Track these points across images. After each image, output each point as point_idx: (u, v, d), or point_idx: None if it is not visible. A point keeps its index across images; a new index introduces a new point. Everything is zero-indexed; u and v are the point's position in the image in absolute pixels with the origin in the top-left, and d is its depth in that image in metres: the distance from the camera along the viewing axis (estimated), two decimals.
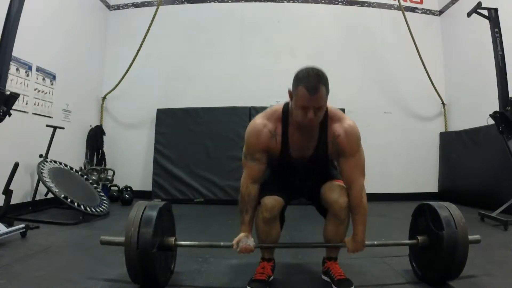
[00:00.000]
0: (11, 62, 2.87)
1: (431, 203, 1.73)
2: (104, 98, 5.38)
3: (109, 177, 4.91)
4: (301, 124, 1.52)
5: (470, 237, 1.63)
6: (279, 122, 1.61)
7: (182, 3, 5.57)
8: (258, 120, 1.63)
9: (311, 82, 1.42)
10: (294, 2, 5.41)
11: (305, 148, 1.63)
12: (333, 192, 1.65)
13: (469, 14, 3.70)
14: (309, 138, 1.61)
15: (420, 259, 1.77)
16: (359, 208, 1.61)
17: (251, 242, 1.62)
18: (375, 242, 1.76)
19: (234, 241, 1.63)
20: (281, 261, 1.91)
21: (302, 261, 2.16)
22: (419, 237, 1.71)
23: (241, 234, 1.64)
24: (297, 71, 1.50)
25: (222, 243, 1.72)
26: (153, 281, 1.56)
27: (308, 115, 1.46)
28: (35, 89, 3.88)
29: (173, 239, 1.71)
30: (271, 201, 1.64)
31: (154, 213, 1.57)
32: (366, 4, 5.56)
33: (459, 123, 5.08)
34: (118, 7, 5.64)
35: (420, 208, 1.80)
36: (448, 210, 1.65)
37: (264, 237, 1.73)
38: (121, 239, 1.56)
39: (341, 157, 1.61)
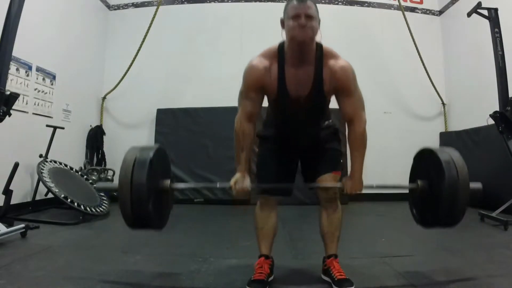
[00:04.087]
0: (11, 62, 2.87)
1: (432, 147, 1.69)
2: (104, 98, 5.37)
3: (109, 177, 4.91)
4: (295, 37, 1.50)
5: (471, 184, 1.56)
6: (274, 59, 1.61)
7: (182, 3, 5.57)
8: (254, 59, 1.64)
9: None
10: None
11: (301, 85, 1.59)
12: (328, 181, 1.71)
13: (469, 14, 3.70)
14: (304, 73, 1.58)
15: (420, 204, 1.72)
16: (360, 144, 1.63)
17: (247, 183, 1.62)
18: (374, 185, 1.75)
19: (231, 182, 1.62)
20: (280, 261, 1.91)
21: (302, 261, 2.16)
22: (419, 181, 1.66)
23: (238, 175, 1.63)
24: None
25: (218, 185, 1.72)
26: (149, 226, 1.53)
27: (300, 21, 1.47)
28: (35, 89, 3.88)
29: (168, 181, 1.65)
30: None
31: (148, 156, 1.51)
32: (366, 4, 5.56)
33: (459, 123, 5.08)
34: (118, 7, 5.64)
35: (421, 152, 1.76)
36: (449, 154, 1.59)
37: (260, 225, 1.78)
38: (116, 185, 1.51)
39: (341, 95, 1.61)
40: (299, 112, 1.67)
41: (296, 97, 1.61)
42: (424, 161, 1.71)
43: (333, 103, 1.70)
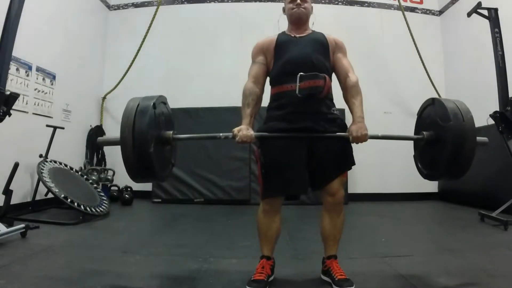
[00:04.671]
0: (11, 62, 2.87)
1: (438, 98, 1.68)
2: (104, 98, 5.37)
3: (109, 177, 4.91)
4: (293, 15, 1.83)
5: (478, 138, 1.55)
6: (276, 35, 1.89)
7: (182, 3, 5.57)
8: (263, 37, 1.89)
9: None
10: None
11: (302, 31, 1.86)
12: (332, 184, 1.70)
13: (469, 14, 3.70)
14: (304, 31, 1.86)
15: (425, 156, 1.69)
16: (357, 92, 1.73)
17: (251, 131, 1.65)
18: (379, 134, 1.73)
19: (235, 130, 1.65)
20: (280, 261, 1.91)
21: (302, 261, 2.16)
22: (425, 132, 1.63)
23: (242, 126, 1.68)
24: None
25: (221, 134, 1.68)
26: (152, 177, 1.54)
27: (296, 3, 1.80)
28: (35, 89, 3.88)
29: (171, 132, 1.65)
30: (272, 201, 1.73)
31: (149, 107, 1.50)
32: (366, 4, 5.56)
33: None
34: (118, 7, 5.64)
35: (426, 103, 1.75)
36: (454, 103, 1.59)
37: (264, 230, 1.77)
38: (117, 138, 1.49)
39: (336, 53, 1.83)
40: (303, 52, 1.75)
41: (299, 36, 1.82)
42: (429, 112, 1.68)
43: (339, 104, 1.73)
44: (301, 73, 1.64)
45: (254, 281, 1.65)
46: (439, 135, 1.58)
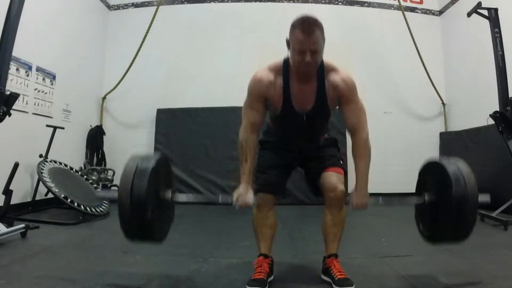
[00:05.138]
0: (11, 62, 2.87)
1: (439, 159, 1.65)
2: (104, 98, 5.37)
3: (109, 177, 4.91)
4: (299, 69, 1.58)
5: (480, 196, 1.52)
6: (279, 73, 1.66)
7: (182, 3, 5.57)
8: (260, 71, 1.69)
9: (306, 25, 1.50)
10: (294, 2, 5.40)
11: (305, 98, 1.66)
12: (331, 178, 1.71)
13: (469, 14, 3.70)
14: (308, 88, 1.65)
15: (426, 219, 1.66)
16: (364, 153, 1.66)
17: (250, 197, 1.65)
18: (380, 200, 1.73)
19: (234, 197, 1.66)
20: (280, 260, 1.91)
21: (302, 261, 2.16)
22: (426, 194, 1.61)
23: (241, 188, 1.68)
24: (293, 20, 1.56)
25: (220, 200, 1.71)
26: (149, 238, 1.48)
27: (305, 58, 1.50)
28: (35, 89, 3.88)
29: (170, 193, 1.62)
30: (264, 196, 1.77)
31: (149, 166, 1.47)
32: (366, 4, 5.56)
33: (459, 123, 5.08)
34: (118, 7, 5.64)
35: (427, 165, 1.71)
36: (457, 165, 1.54)
37: (259, 226, 1.79)
38: (116, 194, 1.47)
39: (344, 105, 1.67)
40: (302, 126, 1.72)
41: (300, 110, 1.67)
42: (430, 174, 1.66)
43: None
44: (296, 143, 1.82)
45: (254, 280, 1.65)
46: (441, 199, 1.55)
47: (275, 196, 1.80)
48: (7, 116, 2.52)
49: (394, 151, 5.28)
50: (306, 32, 1.49)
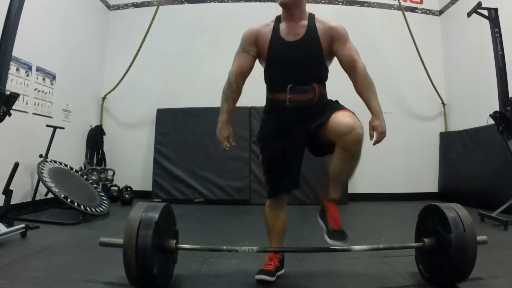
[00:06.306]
0: (11, 62, 2.87)
1: (438, 204, 1.70)
2: (104, 98, 5.38)
3: (109, 177, 4.91)
4: (281, 4, 1.67)
5: (478, 238, 1.60)
6: (271, 22, 1.77)
7: (182, 3, 5.57)
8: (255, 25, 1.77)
9: None
10: None
11: (295, 30, 1.69)
12: (344, 119, 1.49)
13: (469, 14, 3.69)
14: (298, 25, 1.69)
15: (427, 262, 1.72)
16: (369, 83, 1.68)
17: (229, 130, 1.83)
18: (381, 246, 1.77)
19: (218, 134, 1.84)
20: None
21: (302, 261, 2.15)
22: (425, 240, 1.68)
23: (220, 125, 1.83)
24: None
25: (224, 247, 1.72)
26: (152, 285, 1.51)
27: None
28: (35, 89, 3.88)
29: (174, 241, 1.68)
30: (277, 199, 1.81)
31: (154, 215, 1.53)
32: (366, 4, 5.56)
33: (459, 123, 5.08)
34: (118, 7, 5.64)
35: (426, 209, 1.77)
36: (455, 211, 1.62)
37: (270, 224, 1.84)
38: (120, 241, 1.52)
39: (339, 46, 1.68)
40: (294, 62, 1.67)
41: (291, 41, 1.67)
42: (430, 218, 1.71)
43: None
44: (291, 86, 1.64)
45: (263, 270, 1.71)
46: (441, 243, 1.60)
47: (289, 192, 1.86)
48: (7, 116, 2.52)
49: (394, 151, 5.27)
50: None
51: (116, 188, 4.85)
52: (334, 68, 1.81)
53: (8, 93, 2.49)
